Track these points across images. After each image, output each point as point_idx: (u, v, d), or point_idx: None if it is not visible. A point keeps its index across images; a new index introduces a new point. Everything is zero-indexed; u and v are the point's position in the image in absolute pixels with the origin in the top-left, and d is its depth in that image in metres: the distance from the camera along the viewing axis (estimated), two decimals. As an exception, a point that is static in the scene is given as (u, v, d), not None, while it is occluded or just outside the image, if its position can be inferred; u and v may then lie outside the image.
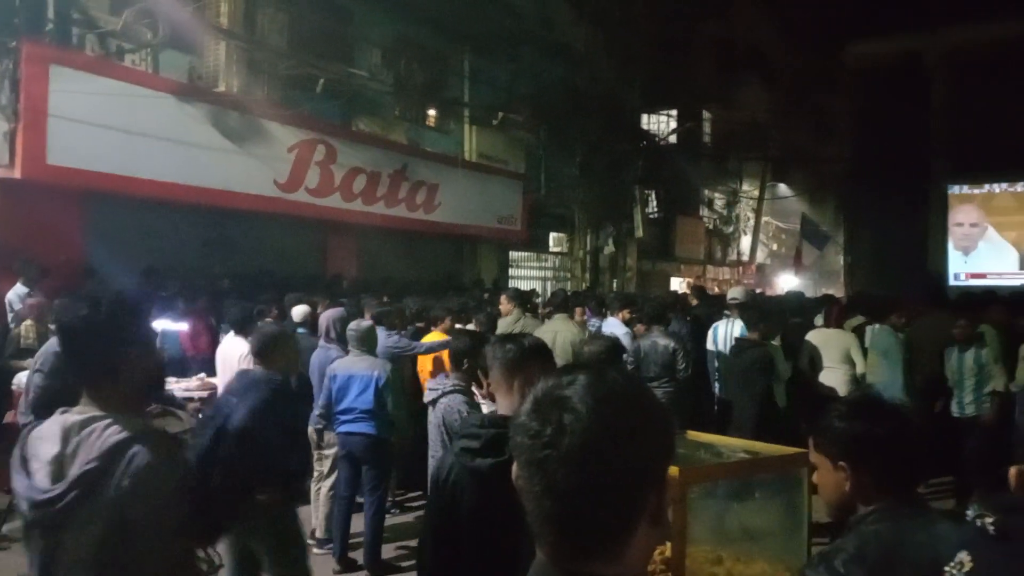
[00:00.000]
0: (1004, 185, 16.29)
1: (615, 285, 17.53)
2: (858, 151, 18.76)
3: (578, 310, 7.66)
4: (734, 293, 7.34)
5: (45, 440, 1.68)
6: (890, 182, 16.42)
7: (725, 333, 6.63)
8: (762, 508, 2.61)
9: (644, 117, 19.27)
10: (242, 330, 5.67)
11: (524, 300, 7.63)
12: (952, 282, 15.74)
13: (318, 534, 5.27)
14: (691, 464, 2.70)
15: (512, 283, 15.15)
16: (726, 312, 7.11)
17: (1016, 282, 15.15)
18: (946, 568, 1.06)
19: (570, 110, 14.58)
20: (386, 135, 12.11)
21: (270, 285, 8.60)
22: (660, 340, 6.19)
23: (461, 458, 2.01)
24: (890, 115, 16.15)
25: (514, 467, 0.95)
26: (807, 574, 1.37)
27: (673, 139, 19.02)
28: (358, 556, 5.06)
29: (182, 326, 6.95)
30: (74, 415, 1.68)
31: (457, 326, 6.81)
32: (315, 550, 5.11)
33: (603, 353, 3.88)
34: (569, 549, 0.91)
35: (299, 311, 6.49)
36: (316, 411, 5.24)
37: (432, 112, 13.89)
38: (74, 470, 1.61)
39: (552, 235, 17.19)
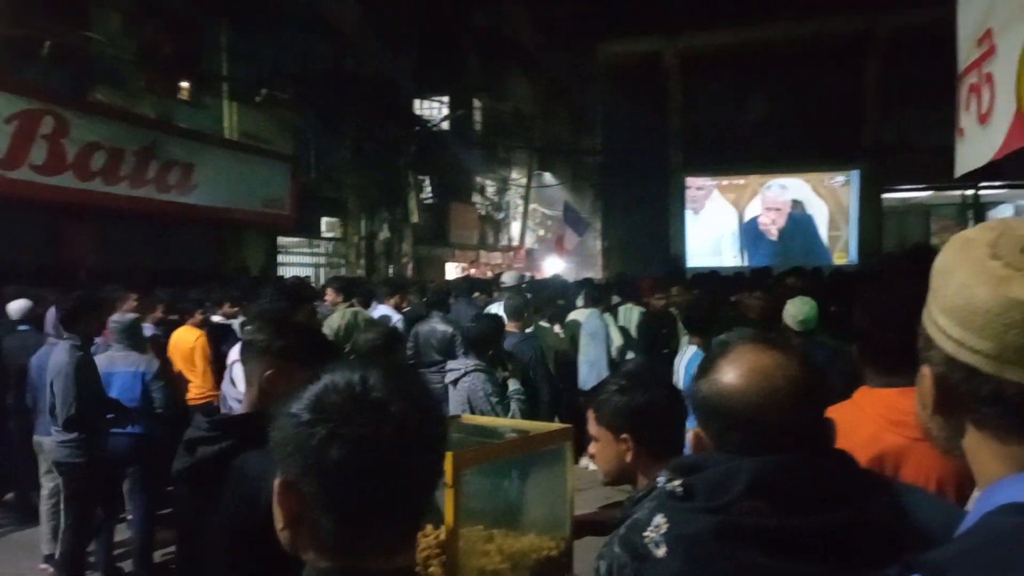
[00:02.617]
0: (730, 179, 18.65)
1: (391, 271, 17.45)
2: (610, 144, 20.37)
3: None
4: (505, 278, 7.67)
5: None
6: (637, 173, 18.08)
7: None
8: (530, 484, 2.74)
9: (417, 103, 19.31)
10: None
11: (350, 291, 7.03)
12: (689, 264, 17.75)
13: (57, 555, 4.67)
14: (464, 447, 2.75)
15: (281, 270, 14.47)
16: (495, 295, 7.40)
17: (735, 263, 17.56)
18: (645, 533, 1.13)
19: (340, 91, 14.16)
20: (130, 108, 10.88)
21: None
22: (439, 326, 6.25)
23: (178, 462, 1.98)
24: (636, 111, 17.75)
25: (290, 472, 0.88)
26: (603, 553, 1.41)
27: (446, 126, 19.28)
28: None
29: None
30: None
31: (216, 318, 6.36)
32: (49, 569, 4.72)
33: (378, 340, 3.84)
34: (356, 547, 0.89)
35: (17, 306, 5.65)
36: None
37: (185, 85, 12.72)
38: None
39: (324, 220, 16.64)
